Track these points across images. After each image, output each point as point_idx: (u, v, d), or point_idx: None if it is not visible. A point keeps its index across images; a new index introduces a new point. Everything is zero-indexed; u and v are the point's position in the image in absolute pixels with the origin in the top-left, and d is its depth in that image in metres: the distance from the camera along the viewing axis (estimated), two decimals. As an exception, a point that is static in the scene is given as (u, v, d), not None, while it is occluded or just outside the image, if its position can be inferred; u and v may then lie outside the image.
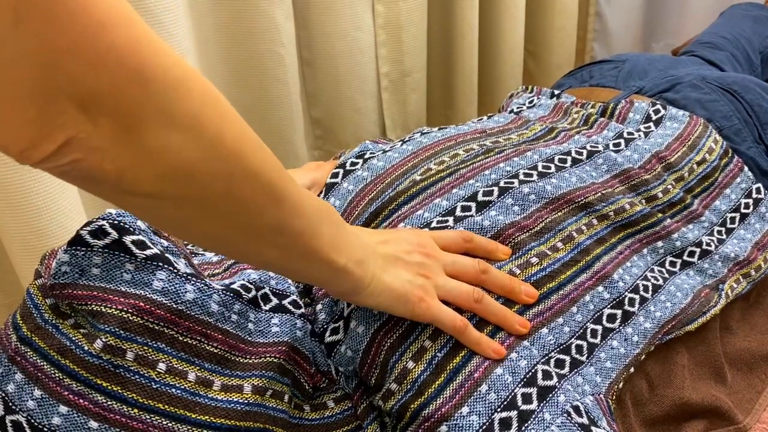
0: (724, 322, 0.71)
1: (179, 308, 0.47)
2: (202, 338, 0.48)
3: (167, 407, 0.44)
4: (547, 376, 0.52)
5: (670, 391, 0.63)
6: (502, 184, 0.64)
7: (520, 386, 0.51)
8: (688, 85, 0.86)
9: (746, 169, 0.77)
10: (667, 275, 0.67)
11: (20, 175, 0.75)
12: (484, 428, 0.48)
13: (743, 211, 0.76)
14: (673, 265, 0.68)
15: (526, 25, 1.40)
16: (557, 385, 0.52)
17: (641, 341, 0.60)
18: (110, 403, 0.43)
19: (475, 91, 1.33)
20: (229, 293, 0.51)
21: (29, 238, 0.80)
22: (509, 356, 0.52)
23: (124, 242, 0.47)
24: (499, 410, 0.49)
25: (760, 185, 0.77)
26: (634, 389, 0.63)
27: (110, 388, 0.43)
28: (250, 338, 0.51)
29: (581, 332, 0.58)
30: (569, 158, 0.70)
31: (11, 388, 0.43)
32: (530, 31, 1.45)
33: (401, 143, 0.75)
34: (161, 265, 0.48)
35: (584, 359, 0.56)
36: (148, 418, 0.44)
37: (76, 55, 0.29)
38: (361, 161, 0.72)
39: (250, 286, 0.54)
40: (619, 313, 0.60)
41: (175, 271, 0.48)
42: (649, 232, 0.68)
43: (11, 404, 0.42)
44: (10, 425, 0.42)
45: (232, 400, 0.47)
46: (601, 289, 0.61)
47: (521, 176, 0.66)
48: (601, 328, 0.59)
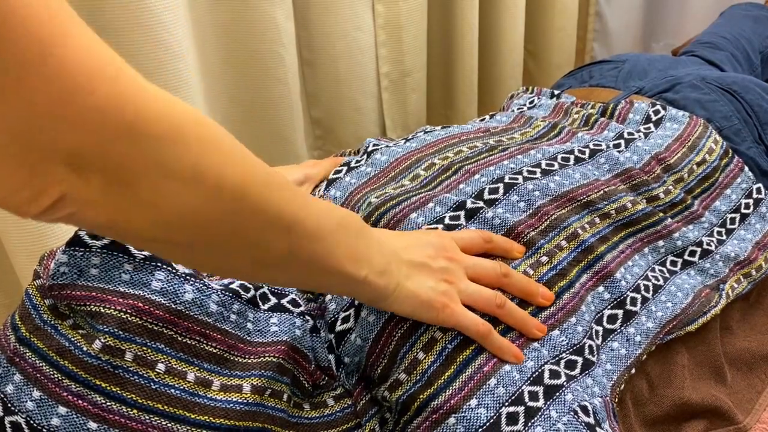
0: (724, 322, 0.71)
1: (178, 308, 0.47)
2: (201, 338, 0.48)
3: (166, 408, 0.44)
4: (554, 375, 0.52)
5: (670, 391, 0.63)
6: (506, 180, 0.65)
7: (527, 384, 0.51)
8: (687, 85, 0.86)
9: (746, 169, 0.77)
10: (667, 275, 0.67)
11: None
12: (491, 422, 0.49)
13: (744, 211, 0.76)
14: (673, 264, 0.68)
15: (526, 25, 1.40)
16: (564, 384, 0.52)
17: (643, 341, 0.60)
18: (109, 403, 0.43)
19: (475, 91, 1.33)
20: (227, 293, 0.51)
21: (29, 238, 0.80)
22: None
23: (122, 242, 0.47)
24: (506, 405, 0.49)
25: (760, 185, 0.77)
26: (634, 389, 0.63)
27: (109, 388, 0.43)
28: (249, 338, 0.51)
29: (591, 332, 0.58)
30: (572, 156, 0.70)
31: (10, 389, 0.43)
32: (530, 31, 1.45)
33: (404, 141, 0.76)
34: (160, 265, 0.48)
35: (595, 360, 0.56)
36: (147, 418, 0.44)
37: (56, 117, 0.28)
38: (365, 157, 0.72)
39: (248, 285, 0.54)
40: (620, 313, 0.60)
41: (173, 271, 0.48)
42: (650, 231, 0.68)
43: (10, 405, 0.42)
44: (9, 426, 0.42)
45: (231, 400, 0.47)
46: (601, 289, 0.61)
47: (525, 173, 0.66)
48: (601, 329, 0.59)
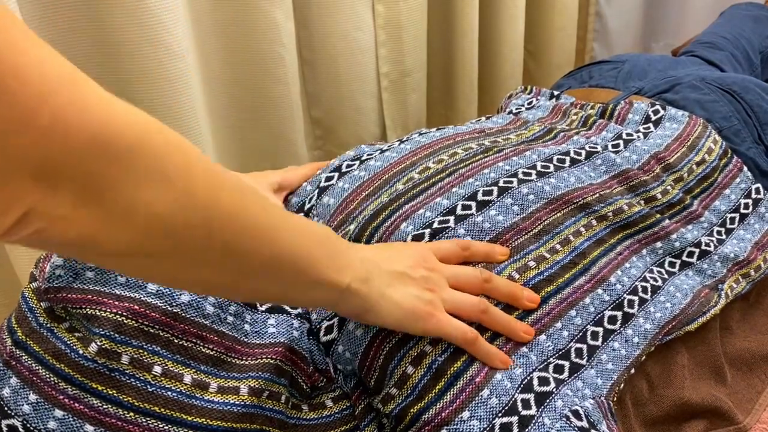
0: (724, 322, 0.71)
1: (174, 311, 0.47)
2: (197, 340, 0.48)
3: (163, 410, 0.44)
4: (543, 382, 0.52)
5: (670, 391, 0.63)
6: (501, 183, 0.64)
7: (518, 392, 0.51)
8: (687, 85, 0.86)
9: (745, 169, 0.77)
10: (666, 276, 0.66)
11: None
12: None
13: (743, 211, 0.76)
14: (672, 265, 0.68)
15: (526, 25, 1.40)
16: (554, 390, 0.52)
17: (642, 342, 0.60)
18: (106, 406, 0.43)
19: (475, 91, 1.33)
20: None
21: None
22: None
23: None
24: (500, 415, 0.49)
25: (759, 185, 0.77)
26: (634, 389, 0.63)
27: (106, 391, 0.43)
28: (246, 339, 0.51)
29: (581, 335, 0.57)
30: (568, 158, 0.69)
31: (6, 392, 0.43)
32: (530, 31, 1.45)
33: (399, 143, 0.75)
34: None
35: (584, 362, 0.56)
36: (144, 421, 0.44)
37: (19, 131, 0.28)
38: (357, 162, 0.71)
39: None
40: (619, 314, 0.60)
41: None
42: (647, 232, 0.68)
43: (6, 408, 0.42)
44: (5, 430, 0.42)
45: (228, 402, 0.47)
46: (600, 291, 0.60)
47: (520, 175, 0.65)
48: (602, 330, 0.59)
